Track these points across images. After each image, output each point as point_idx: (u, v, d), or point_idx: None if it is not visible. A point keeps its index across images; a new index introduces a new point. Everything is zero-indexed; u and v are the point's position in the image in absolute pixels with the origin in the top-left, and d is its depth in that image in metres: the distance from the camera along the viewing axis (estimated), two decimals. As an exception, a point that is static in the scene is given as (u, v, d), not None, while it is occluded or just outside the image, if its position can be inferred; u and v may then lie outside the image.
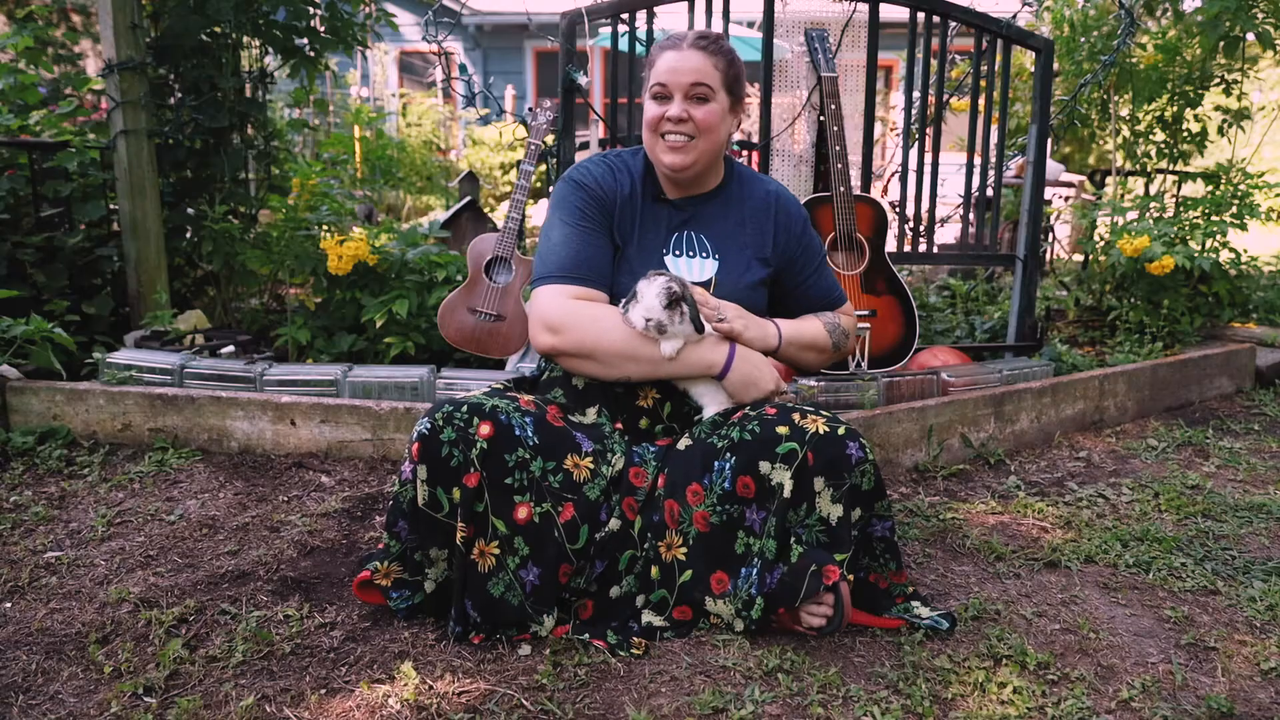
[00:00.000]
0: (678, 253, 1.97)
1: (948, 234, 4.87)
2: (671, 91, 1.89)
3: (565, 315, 1.84)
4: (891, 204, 3.56)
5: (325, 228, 3.44)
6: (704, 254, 1.99)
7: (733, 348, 1.88)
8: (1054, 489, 2.62)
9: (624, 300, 1.85)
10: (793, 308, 2.10)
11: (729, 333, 1.88)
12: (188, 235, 3.76)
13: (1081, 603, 1.94)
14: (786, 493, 1.70)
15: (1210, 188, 4.18)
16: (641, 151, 2.03)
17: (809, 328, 2.05)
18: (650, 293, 1.78)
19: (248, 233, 3.70)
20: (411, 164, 9.46)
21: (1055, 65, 3.86)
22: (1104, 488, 2.61)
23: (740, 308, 1.93)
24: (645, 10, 3.00)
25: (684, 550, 1.76)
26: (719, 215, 2.02)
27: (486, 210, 6.91)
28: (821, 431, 1.72)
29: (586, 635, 1.73)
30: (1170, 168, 4.72)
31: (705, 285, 1.95)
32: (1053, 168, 6.54)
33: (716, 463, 1.76)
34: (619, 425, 1.92)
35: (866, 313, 2.96)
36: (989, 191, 3.55)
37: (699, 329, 1.83)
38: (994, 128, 3.44)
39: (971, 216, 3.51)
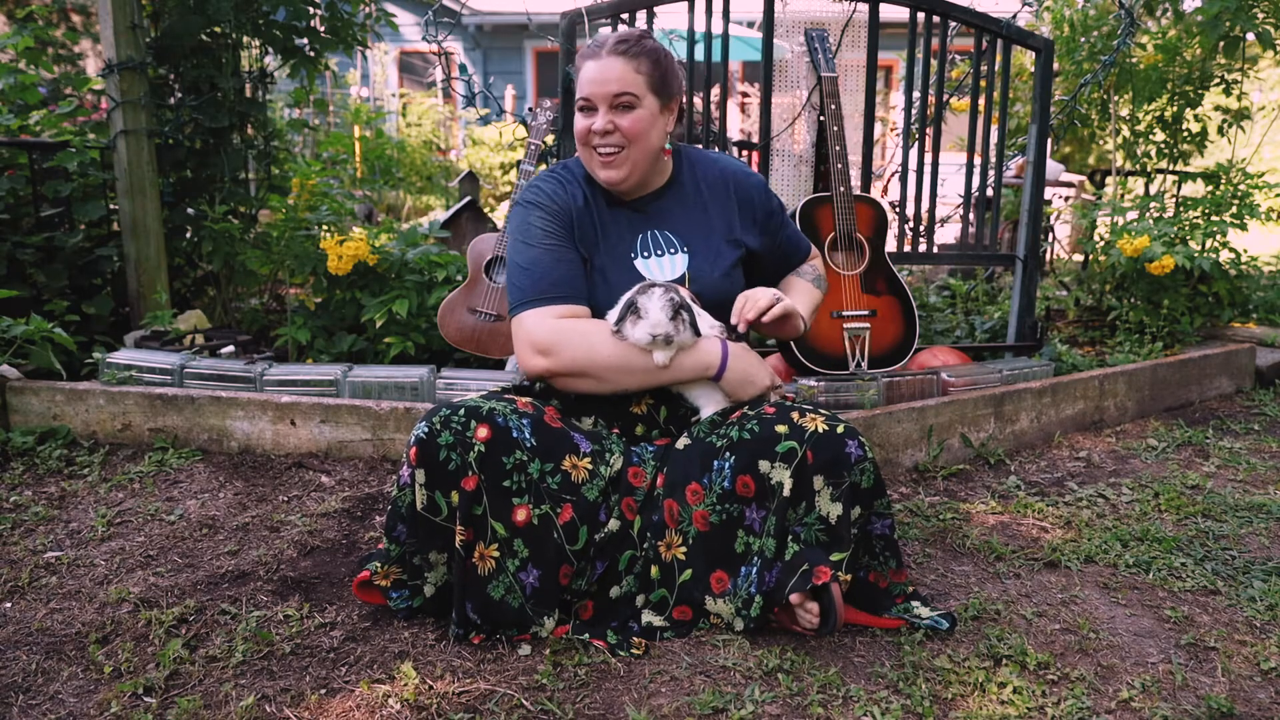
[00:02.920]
0: (646, 254, 1.96)
1: (948, 234, 4.87)
2: (596, 103, 1.86)
3: (554, 336, 1.83)
4: (891, 204, 3.56)
5: (325, 228, 3.44)
6: (672, 249, 1.97)
7: (726, 347, 1.88)
8: (1054, 489, 2.62)
9: (614, 317, 1.83)
10: (775, 270, 2.13)
11: (789, 310, 1.88)
12: (188, 235, 3.76)
13: (1081, 603, 1.94)
14: (786, 491, 1.70)
15: (1210, 188, 4.18)
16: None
17: (805, 293, 2.09)
18: (654, 306, 1.77)
19: (248, 233, 3.70)
20: (411, 164, 9.46)
21: (1055, 65, 3.86)
22: (1104, 488, 2.61)
23: (775, 290, 1.93)
24: (645, 10, 3.00)
25: (683, 550, 1.76)
26: (679, 206, 2.01)
27: (486, 210, 6.91)
28: (821, 430, 1.72)
29: (586, 635, 1.73)
30: (1170, 168, 4.72)
31: (680, 281, 1.94)
32: (1053, 168, 6.54)
33: (716, 462, 1.76)
34: (616, 431, 1.92)
35: (866, 313, 2.96)
36: (989, 191, 3.55)
37: (697, 332, 1.83)
38: (994, 128, 3.44)
39: (971, 216, 3.51)
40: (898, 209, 3.38)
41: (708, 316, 1.90)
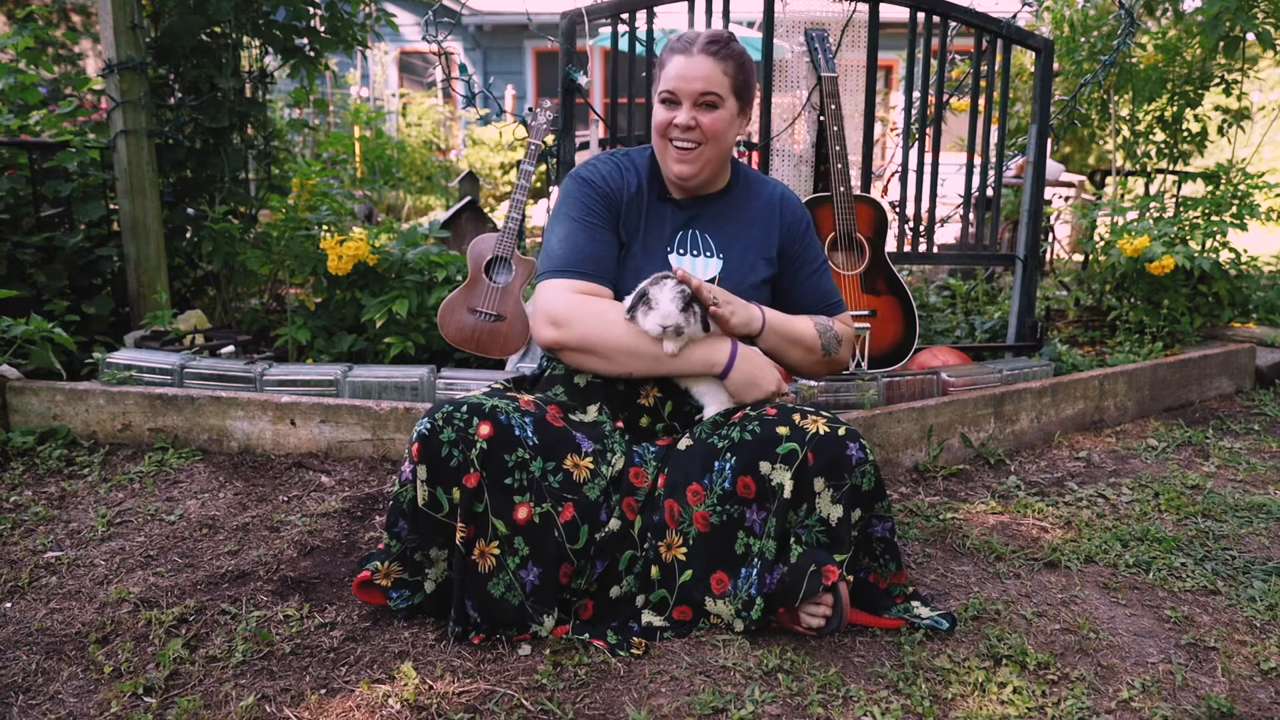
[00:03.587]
0: (682, 251, 1.98)
1: (948, 234, 4.87)
2: (680, 99, 1.89)
3: (569, 310, 1.85)
4: (891, 204, 3.56)
5: (325, 228, 3.44)
6: (708, 253, 1.99)
7: (735, 347, 1.88)
8: (1054, 489, 2.62)
9: (629, 303, 1.85)
10: (788, 309, 2.08)
11: (720, 316, 1.83)
12: (188, 235, 3.76)
13: (1081, 603, 1.94)
14: (787, 493, 1.70)
15: (1210, 188, 4.18)
16: (649, 150, 2.03)
17: (798, 323, 2.02)
18: (664, 297, 1.78)
19: (248, 233, 3.70)
20: (411, 164, 9.46)
21: (1055, 65, 3.86)
22: (1104, 488, 2.61)
23: (727, 292, 1.89)
24: (645, 10, 3.00)
25: (684, 550, 1.76)
26: (724, 215, 2.02)
27: (486, 210, 6.92)
28: (822, 432, 1.72)
29: (586, 635, 1.73)
30: (1170, 168, 4.72)
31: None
32: (1053, 168, 6.54)
33: (717, 463, 1.76)
34: (620, 423, 1.92)
35: (866, 313, 2.96)
36: (989, 191, 3.55)
37: (707, 327, 1.83)
38: (994, 128, 3.44)
39: (971, 216, 3.51)
40: (898, 209, 3.38)
41: None
